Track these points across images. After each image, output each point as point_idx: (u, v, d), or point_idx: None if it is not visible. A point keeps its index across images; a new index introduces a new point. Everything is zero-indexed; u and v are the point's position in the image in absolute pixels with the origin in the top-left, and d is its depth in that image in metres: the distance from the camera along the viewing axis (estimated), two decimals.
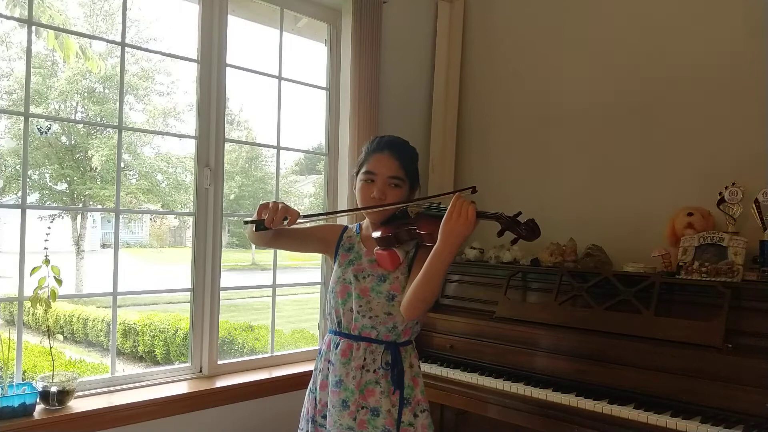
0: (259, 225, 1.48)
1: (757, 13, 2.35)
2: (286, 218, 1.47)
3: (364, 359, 1.58)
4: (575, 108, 2.90)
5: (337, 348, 1.62)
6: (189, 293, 2.56)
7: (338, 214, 1.74)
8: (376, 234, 1.59)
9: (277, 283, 2.88)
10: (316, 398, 1.67)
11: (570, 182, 2.90)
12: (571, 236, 2.63)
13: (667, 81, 2.59)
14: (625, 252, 2.51)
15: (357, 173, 1.67)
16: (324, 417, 1.64)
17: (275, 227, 1.47)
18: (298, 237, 1.74)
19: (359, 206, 1.65)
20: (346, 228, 1.79)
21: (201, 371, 2.55)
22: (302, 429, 1.72)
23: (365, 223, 1.73)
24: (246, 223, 1.53)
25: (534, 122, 3.06)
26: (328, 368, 1.64)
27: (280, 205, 1.47)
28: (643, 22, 2.68)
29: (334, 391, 1.59)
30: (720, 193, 2.26)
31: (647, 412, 1.81)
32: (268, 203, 1.49)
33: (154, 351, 7.23)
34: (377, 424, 1.54)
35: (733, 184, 2.23)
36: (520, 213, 1.40)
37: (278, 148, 2.89)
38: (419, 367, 1.66)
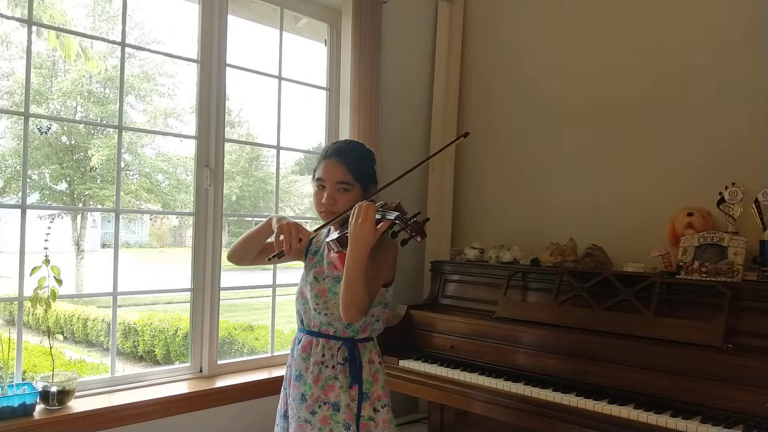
0: (281, 255, 1.57)
1: (757, 13, 2.35)
2: (300, 240, 1.56)
3: (323, 355, 1.62)
4: (575, 108, 2.90)
5: (299, 344, 1.68)
6: (189, 293, 2.56)
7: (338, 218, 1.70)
8: (328, 238, 1.62)
9: (277, 283, 2.88)
10: (287, 394, 1.71)
11: (570, 182, 2.90)
12: (571, 236, 2.63)
13: (667, 81, 2.59)
14: (625, 252, 2.51)
15: (312, 179, 1.71)
16: None
17: (294, 249, 1.57)
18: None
19: (315, 211, 1.68)
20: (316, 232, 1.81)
21: (201, 371, 2.55)
22: (277, 425, 1.76)
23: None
24: (270, 260, 1.63)
25: (534, 122, 3.06)
26: (293, 364, 1.69)
27: (292, 229, 1.56)
28: (644, 20, 2.68)
29: (294, 385, 1.65)
30: (720, 193, 2.26)
31: (647, 412, 1.81)
32: (282, 228, 1.56)
33: (154, 351, 7.23)
34: (338, 419, 1.58)
35: (733, 184, 2.23)
36: (418, 213, 1.44)
37: (278, 148, 2.89)
38: (380, 363, 1.69)
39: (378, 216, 1.45)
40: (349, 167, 1.63)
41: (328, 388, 1.60)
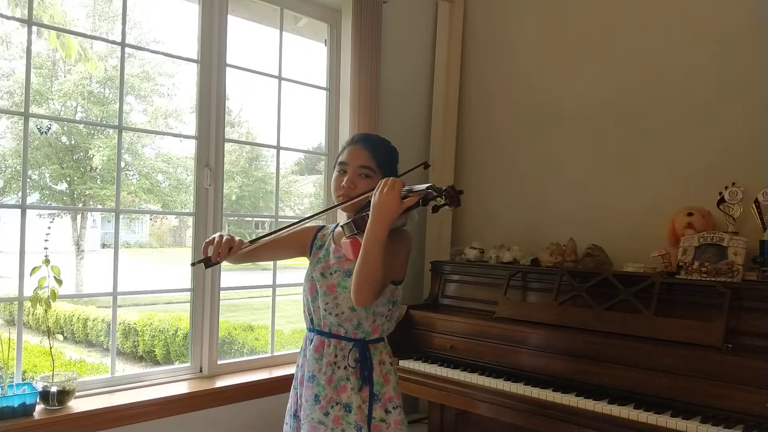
0: (207, 262, 1.56)
1: (757, 13, 2.35)
2: (230, 248, 1.56)
3: (335, 356, 1.62)
4: (575, 108, 2.90)
5: (311, 344, 1.67)
6: (189, 293, 2.56)
7: (292, 227, 1.66)
8: (342, 222, 1.62)
9: (277, 283, 2.88)
10: (298, 394, 1.70)
11: (570, 182, 2.90)
12: (571, 236, 2.63)
13: (667, 81, 2.59)
14: (625, 252, 2.51)
15: (334, 167, 1.72)
16: None
17: (222, 260, 1.57)
18: (275, 248, 1.80)
19: (333, 196, 1.70)
20: (322, 227, 1.82)
21: (201, 371, 2.55)
22: (287, 424, 1.75)
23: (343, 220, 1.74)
24: (193, 264, 1.62)
25: (534, 122, 3.06)
26: (305, 364, 1.68)
27: (224, 238, 1.56)
28: (643, 21, 2.68)
29: (307, 386, 1.64)
30: (720, 193, 2.26)
31: (647, 412, 1.81)
32: (213, 238, 1.58)
33: (154, 351, 7.22)
34: (350, 420, 1.57)
35: (733, 184, 2.23)
36: (451, 186, 1.45)
37: (278, 148, 2.89)
38: (391, 364, 1.68)
39: (404, 192, 1.45)
40: (373, 154, 1.64)
41: (341, 389, 1.59)
